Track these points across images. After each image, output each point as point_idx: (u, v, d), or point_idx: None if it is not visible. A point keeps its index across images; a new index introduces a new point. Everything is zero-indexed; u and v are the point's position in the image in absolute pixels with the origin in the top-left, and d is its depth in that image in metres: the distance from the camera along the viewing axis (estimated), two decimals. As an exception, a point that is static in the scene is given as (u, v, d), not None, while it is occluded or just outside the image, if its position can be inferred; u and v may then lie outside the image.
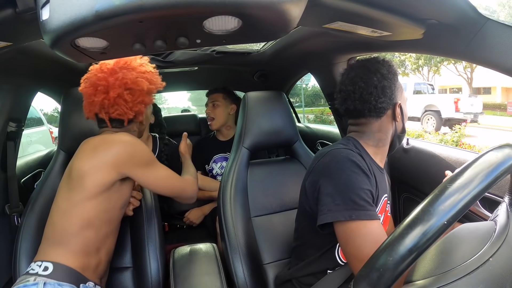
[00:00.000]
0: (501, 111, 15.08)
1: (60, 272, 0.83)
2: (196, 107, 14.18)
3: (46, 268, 0.83)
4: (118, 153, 0.90)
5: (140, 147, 0.94)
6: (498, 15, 15.68)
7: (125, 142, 0.92)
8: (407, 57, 17.62)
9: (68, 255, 0.85)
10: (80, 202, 0.87)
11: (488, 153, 0.39)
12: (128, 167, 0.91)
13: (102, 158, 0.89)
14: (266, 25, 0.51)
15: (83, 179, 0.88)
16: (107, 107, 0.94)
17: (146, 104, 1.00)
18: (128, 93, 0.94)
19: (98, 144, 0.92)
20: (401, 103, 0.85)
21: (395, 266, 0.33)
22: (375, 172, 0.82)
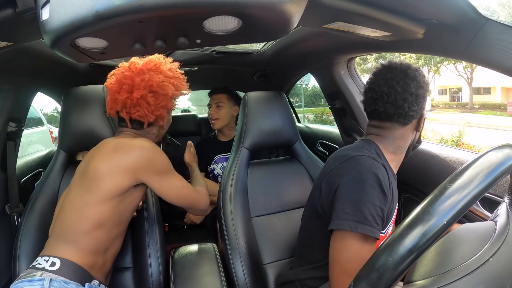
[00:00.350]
0: (501, 111, 15.09)
1: (67, 269, 0.82)
2: (196, 107, 14.15)
3: (53, 263, 0.82)
4: (137, 159, 0.89)
5: (159, 155, 0.94)
6: (498, 15, 15.68)
7: (145, 148, 0.92)
8: (407, 57, 17.61)
9: (77, 253, 0.85)
10: (95, 203, 0.87)
11: (488, 153, 0.39)
12: (145, 173, 0.90)
13: (121, 162, 0.88)
14: (266, 25, 0.51)
15: (99, 181, 0.87)
16: (129, 107, 0.93)
17: (168, 109, 0.99)
18: (151, 96, 0.93)
19: (118, 147, 0.91)
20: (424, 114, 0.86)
21: (395, 266, 0.33)
22: (392, 182, 0.80)
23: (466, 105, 17.75)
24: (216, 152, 1.80)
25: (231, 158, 1.21)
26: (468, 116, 12.23)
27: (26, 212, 1.06)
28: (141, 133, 0.99)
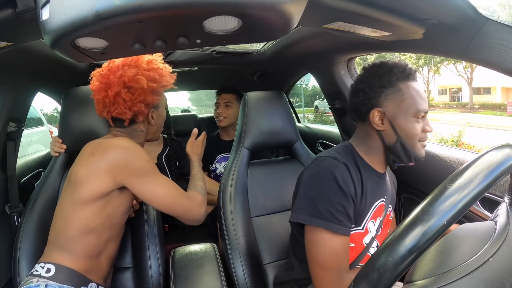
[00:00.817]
0: (501, 111, 15.09)
1: (62, 274, 0.83)
2: (196, 107, 14.18)
3: (48, 270, 0.84)
4: (113, 160, 0.85)
5: (137, 155, 0.87)
6: (498, 15, 15.69)
7: (121, 147, 0.87)
8: (407, 57, 17.60)
9: (70, 258, 0.85)
10: (79, 208, 0.85)
11: (488, 153, 0.39)
12: (123, 175, 0.85)
13: (98, 165, 0.85)
14: (266, 25, 0.51)
15: (80, 185, 0.86)
16: (108, 105, 0.91)
17: (148, 103, 0.93)
18: (126, 92, 0.89)
19: (95, 149, 0.88)
20: (386, 111, 0.80)
21: (395, 266, 0.33)
22: (367, 180, 0.81)
23: (466, 105, 17.75)
24: (218, 151, 1.80)
25: (231, 158, 1.21)
26: (468, 116, 12.23)
27: (26, 212, 1.06)
28: (127, 131, 0.96)
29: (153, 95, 0.93)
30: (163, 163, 1.68)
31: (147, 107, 0.94)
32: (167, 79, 0.96)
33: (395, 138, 0.81)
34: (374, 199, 0.84)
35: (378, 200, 0.86)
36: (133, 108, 0.91)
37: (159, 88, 0.94)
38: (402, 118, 0.80)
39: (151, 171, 0.89)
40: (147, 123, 0.98)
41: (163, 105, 1.02)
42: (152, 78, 0.92)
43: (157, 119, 1.01)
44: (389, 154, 0.84)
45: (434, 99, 20.99)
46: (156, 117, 1.00)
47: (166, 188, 0.90)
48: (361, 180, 0.80)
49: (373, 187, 0.83)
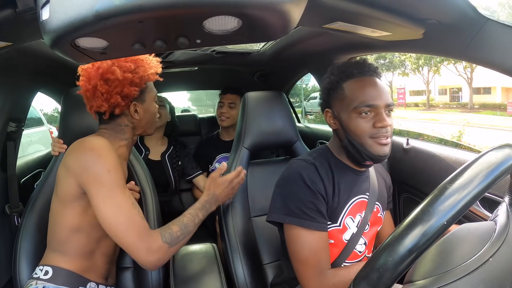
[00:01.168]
0: (501, 111, 15.09)
1: (59, 276, 0.84)
2: (196, 107, 14.17)
3: (46, 272, 0.85)
4: (76, 161, 0.81)
5: (100, 160, 0.79)
6: (498, 15, 15.69)
7: (89, 149, 0.81)
8: (407, 57, 17.62)
9: (65, 259, 0.86)
10: (62, 209, 0.85)
11: (488, 153, 0.39)
12: (82, 179, 0.79)
13: (69, 166, 0.82)
14: (266, 25, 0.51)
15: (57, 185, 0.86)
16: (90, 99, 0.89)
17: (125, 95, 0.88)
18: (103, 84, 0.86)
19: (71, 148, 0.85)
20: (334, 111, 0.85)
21: (395, 266, 0.33)
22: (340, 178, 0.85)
23: (466, 105, 17.76)
24: (218, 151, 1.81)
25: (231, 158, 1.21)
26: (468, 116, 12.24)
27: (26, 212, 1.06)
28: (111, 127, 0.92)
29: (130, 86, 0.88)
30: (166, 161, 1.70)
31: (125, 99, 0.89)
32: (144, 69, 0.91)
33: (344, 136, 0.84)
34: (350, 196, 0.86)
35: (356, 197, 0.87)
36: (110, 100, 0.87)
37: (136, 79, 0.89)
38: (345, 115, 0.83)
39: (108, 183, 0.78)
40: (131, 116, 0.93)
41: (150, 99, 0.97)
42: (128, 68, 0.88)
43: (144, 113, 0.95)
44: (347, 152, 0.86)
45: (434, 99, 21.00)
46: (142, 111, 0.94)
47: (116, 210, 0.77)
48: (333, 178, 0.84)
49: (348, 185, 0.86)
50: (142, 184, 1.13)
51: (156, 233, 0.81)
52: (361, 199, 0.88)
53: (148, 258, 0.78)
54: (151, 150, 1.70)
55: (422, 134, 1.74)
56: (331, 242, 0.83)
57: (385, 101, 0.81)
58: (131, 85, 0.89)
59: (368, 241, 0.90)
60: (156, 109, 1.00)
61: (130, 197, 0.81)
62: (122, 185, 0.81)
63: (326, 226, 0.81)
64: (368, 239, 0.90)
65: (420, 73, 18.40)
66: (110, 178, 0.78)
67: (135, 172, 1.15)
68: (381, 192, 0.94)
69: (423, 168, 1.14)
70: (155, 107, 1.00)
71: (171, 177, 1.69)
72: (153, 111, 0.98)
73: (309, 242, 0.79)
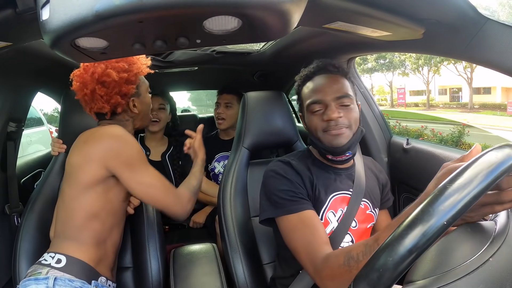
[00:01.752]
0: (501, 111, 15.10)
1: (73, 266, 0.83)
2: (196, 107, 14.18)
3: (59, 260, 0.83)
4: (104, 148, 0.88)
5: (129, 144, 0.90)
6: (498, 15, 15.69)
7: (114, 136, 0.89)
8: (407, 57, 17.62)
9: (80, 247, 0.86)
10: (79, 195, 0.87)
11: (488, 153, 0.39)
12: (113, 164, 0.87)
13: (91, 153, 0.88)
14: (266, 25, 0.51)
15: (76, 172, 0.88)
16: (89, 103, 0.94)
17: (124, 94, 0.94)
18: (101, 87, 0.92)
19: (88, 138, 0.91)
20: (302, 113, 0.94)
21: (395, 266, 0.33)
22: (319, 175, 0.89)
23: (466, 105, 17.76)
24: (217, 150, 1.81)
25: (231, 158, 1.21)
26: (468, 116, 12.23)
27: (26, 212, 1.06)
28: (114, 122, 0.98)
29: (127, 85, 0.95)
30: (167, 161, 1.70)
31: (125, 97, 0.96)
32: (138, 66, 0.97)
33: (309, 135, 0.93)
34: (330, 193, 0.88)
35: (337, 192, 0.89)
36: (110, 101, 0.93)
37: (131, 77, 0.95)
38: (306, 116, 0.91)
39: (141, 162, 0.90)
40: (130, 111, 0.99)
41: (145, 91, 1.03)
42: (122, 68, 0.93)
43: (141, 106, 1.02)
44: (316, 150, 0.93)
45: (434, 99, 21.00)
46: (139, 104, 1.01)
47: (154, 180, 0.91)
48: (311, 176, 0.88)
49: (327, 182, 0.89)
50: (142, 184, 1.13)
51: (183, 189, 0.98)
52: (343, 195, 0.90)
53: (185, 208, 0.96)
54: (152, 151, 1.69)
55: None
56: None
57: (334, 94, 0.86)
58: (128, 84, 0.95)
59: (356, 239, 0.90)
60: (150, 98, 1.06)
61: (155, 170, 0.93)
62: (147, 160, 0.93)
63: (311, 206, 0.83)
64: (357, 237, 0.90)
65: (420, 73, 18.40)
66: (141, 157, 0.91)
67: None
68: (370, 189, 0.94)
69: (423, 168, 1.14)
70: (149, 97, 1.06)
71: (171, 177, 1.69)
72: (148, 102, 1.05)
73: (300, 222, 0.80)
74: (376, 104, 1.37)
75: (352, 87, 0.91)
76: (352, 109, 0.87)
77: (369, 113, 1.34)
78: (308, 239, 0.77)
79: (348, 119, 0.85)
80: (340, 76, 0.90)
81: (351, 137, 0.86)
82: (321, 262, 0.71)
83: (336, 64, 0.91)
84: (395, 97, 20.13)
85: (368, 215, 0.93)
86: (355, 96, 0.90)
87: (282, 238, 0.83)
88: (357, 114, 0.88)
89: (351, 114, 0.86)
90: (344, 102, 0.86)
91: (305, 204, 0.82)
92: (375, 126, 1.35)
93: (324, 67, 0.91)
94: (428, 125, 7.79)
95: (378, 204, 0.96)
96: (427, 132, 6.91)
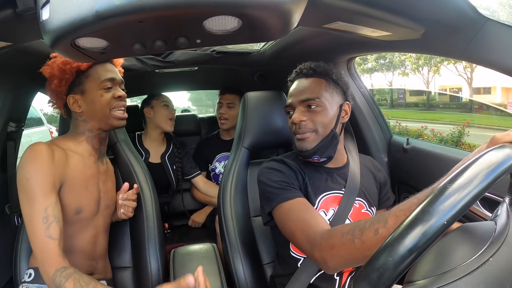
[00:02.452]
0: (501, 111, 15.08)
1: (39, 276, 0.83)
2: (196, 107, 14.16)
3: (30, 274, 0.89)
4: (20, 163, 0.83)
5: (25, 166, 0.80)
6: (498, 15, 15.67)
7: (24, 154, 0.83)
8: (407, 57, 17.61)
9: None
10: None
11: (488, 153, 0.39)
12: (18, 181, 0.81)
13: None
14: (266, 25, 0.51)
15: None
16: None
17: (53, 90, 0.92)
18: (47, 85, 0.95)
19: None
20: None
21: (395, 266, 0.33)
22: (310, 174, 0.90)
23: (466, 105, 17.72)
24: (218, 150, 1.81)
25: (231, 158, 1.21)
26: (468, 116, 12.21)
27: (26, 212, 1.05)
28: (72, 124, 0.97)
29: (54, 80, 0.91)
30: (166, 162, 1.69)
31: (56, 94, 0.93)
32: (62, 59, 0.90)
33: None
34: (320, 192, 0.89)
35: (329, 191, 0.90)
36: (51, 98, 0.95)
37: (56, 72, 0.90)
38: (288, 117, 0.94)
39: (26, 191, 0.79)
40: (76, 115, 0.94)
41: (93, 88, 0.92)
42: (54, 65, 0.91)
43: (87, 105, 0.92)
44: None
45: (434, 99, 20.97)
46: (84, 102, 0.92)
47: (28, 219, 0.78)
48: (302, 175, 0.89)
49: (318, 181, 0.89)
50: (142, 185, 1.13)
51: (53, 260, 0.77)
52: (334, 194, 0.90)
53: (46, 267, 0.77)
54: (151, 153, 1.69)
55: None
56: None
57: (299, 97, 0.87)
58: (53, 79, 0.91)
59: None
60: (103, 97, 0.92)
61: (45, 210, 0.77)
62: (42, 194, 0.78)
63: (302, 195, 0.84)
64: None
65: (420, 73, 18.39)
66: (27, 186, 0.78)
67: (135, 172, 1.15)
68: (366, 188, 0.94)
69: (423, 168, 1.14)
70: (100, 95, 0.92)
71: (171, 177, 1.69)
72: (99, 101, 0.92)
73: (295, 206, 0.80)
74: (376, 104, 1.37)
75: (333, 89, 0.89)
76: (320, 112, 0.86)
77: (369, 113, 1.34)
78: (303, 217, 0.76)
79: (314, 122, 0.85)
80: (316, 79, 0.89)
81: (318, 141, 0.86)
82: (320, 236, 0.69)
83: (315, 66, 0.91)
84: (395, 97, 20.10)
85: (364, 214, 0.93)
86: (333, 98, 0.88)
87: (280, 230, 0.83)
88: (326, 117, 0.86)
89: (318, 117, 0.85)
90: (309, 104, 0.86)
91: (298, 193, 0.83)
92: (375, 126, 1.35)
93: (301, 71, 0.93)
94: (428, 125, 7.79)
95: (375, 203, 0.96)
96: (427, 132, 6.91)
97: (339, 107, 0.89)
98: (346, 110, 0.91)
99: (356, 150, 1.03)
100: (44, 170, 0.80)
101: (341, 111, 0.89)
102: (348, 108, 0.92)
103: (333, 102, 0.88)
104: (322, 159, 0.89)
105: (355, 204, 0.90)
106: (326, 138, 0.86)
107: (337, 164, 0.94)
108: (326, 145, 0.86)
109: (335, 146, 0.89)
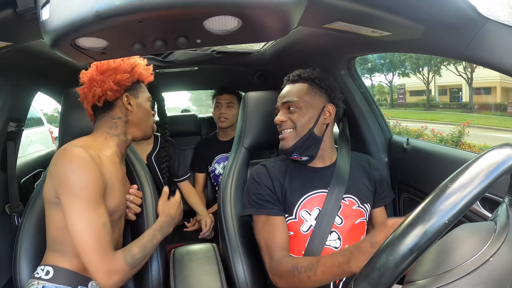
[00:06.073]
0: (501, 111, 15.09)
1: (60, 275, 0.85)
2: (196, 107, 14.17)
3: (48, 272, 0.86)
4: (57, 171, 0.81)
5: (78, 172, 0.79)
6: (498, 15, 15.64)
7: (68, 160, 0.80)
8: (407, 57, 17.62)
9: (64, 258, 0.87)
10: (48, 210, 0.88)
11: (488, 153, 0.39)
12: (59, 189, 0.80)
13: (50, 171, 0.85)
14: (266, 25, 0.51)
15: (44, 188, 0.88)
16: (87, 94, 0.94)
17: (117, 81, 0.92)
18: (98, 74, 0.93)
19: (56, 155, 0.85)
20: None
21: (396, 266, 0.33)
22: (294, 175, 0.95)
23: (466, 105, 17.74)
24: (217, 152, 1.80)
25: (231, 158, 1.21)
26: (468, 116, 12.22)
27: (26, 212, 1.05)
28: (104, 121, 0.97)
29: (122, 73, 0.92)
30: (153, 163, 1.63)
31: (118, 85, 0.92)
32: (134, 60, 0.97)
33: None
34: (304, 191, 0.93)
35: (313, 191, 0.94)
36: (104, 87, 0.90)
37: (127, 66, 0.94)
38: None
39: (81, 200, 0.77)
40: (124, 108, 0.95)
41: (144, 98, 1.00)
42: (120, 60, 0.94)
43: (137, 109, 0.97)
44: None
45: (434, 99, 20.98)
46: (136, 105, 0.96)
47: (85, 227, 0.77)
48: (286, 176, 0.95)
49: (302, 181, 0.95)
50: (142, 184, 1.13)
51: (119, 255, 0.82)
52: (320, 193, 0.93)
53: (107, 280, 0.78)
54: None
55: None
56: (290, 234, 0.93)
57: (281, 101, 0.97)
58: (123, 72, 0.93)
59: (344, 236, 0.91)
60: (150, 110, 1.02)
61: (102, 216, 0.80)
62: (97, 201, 0.80)
63: (278, 212, 0.92)
64: (344, 233, 0.91)
65: (420, 73, 18.39)
66: (84, 194, 0.78)
67: (135, 171, 1.15)
68: (356, 185, 0.96)
69: (423, 168, 1.14)
70: (149, 107, 1.02)
71: (159, 178, 1.62)
72: (146, 109, 1.01)
73: (265, 225, 0.91)
74: (376, 104, 1.37)
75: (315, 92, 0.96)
76: (297, 112, 0.94)
77: (369, 113, 1.34)
78: (267, 242, 0.89)
79: (292, 121, 0.93)
80: (300, 83, 0.98)
81: (296, 140, 0.93)
82: (275, 263, 0.85)
83: (300, 72, 1.00)
84: (395, 97, 20.11)
85: (356, 210, 0.93)
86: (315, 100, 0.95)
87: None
88: (304, 117, 0.93)
89: (295, 117, 0.94)
90: (289, 106, 0.95)
91: (271, 210, 0.91)
92: (375, 126, 1.35)
93: (289, 78, 1.02)
94: (428, 125, 7.79)
95: (368, 200, 0.98)
96: (427, 132, 6.91)
97: (321, 109, 0.94)
98: (329, 112, 0.95)
99: (349, 149, 1.05)
100: (97, 177, 0.81)
101: (322, 113, 0.94)
102: (332, 109, 0.96)
103: (314, 104, 0.94)
104: (303, 157, 0.94)
105: (344, 201, 0.92)
106: (304, 137, 0.92)
107: (325, 163, 0.98)
108: (305, 144, 0.92)
109: (316, 145, 0.94)
